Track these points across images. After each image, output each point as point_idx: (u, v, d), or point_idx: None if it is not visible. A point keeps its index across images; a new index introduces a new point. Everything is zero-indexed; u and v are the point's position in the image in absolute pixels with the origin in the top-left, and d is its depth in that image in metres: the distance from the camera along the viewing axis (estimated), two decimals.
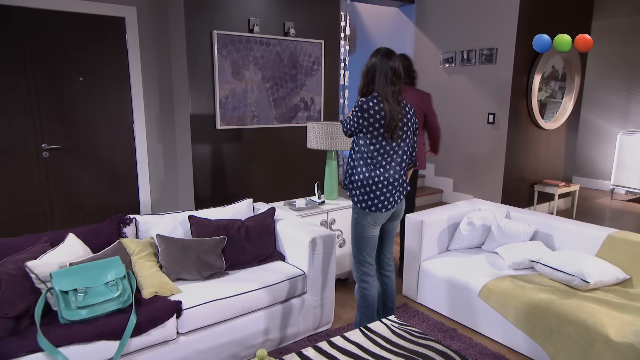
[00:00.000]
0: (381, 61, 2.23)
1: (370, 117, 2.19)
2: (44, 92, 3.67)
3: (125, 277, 2.10)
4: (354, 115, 2.24)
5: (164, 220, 2.66)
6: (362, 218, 2.30)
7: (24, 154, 3.65)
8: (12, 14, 3.48)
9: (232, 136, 4.08)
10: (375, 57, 2.26)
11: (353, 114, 2.25)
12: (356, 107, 2.24)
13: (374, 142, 2.23)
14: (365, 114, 2.19)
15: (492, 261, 2.91)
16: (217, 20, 3.83)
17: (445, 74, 5.30)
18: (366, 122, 2.20)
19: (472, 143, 5.10)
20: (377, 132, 2.21)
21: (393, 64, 2.25)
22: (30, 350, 1.75)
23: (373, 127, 2.20)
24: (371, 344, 1.92)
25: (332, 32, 4.58)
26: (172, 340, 2.12)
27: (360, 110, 2.21)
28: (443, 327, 2.75)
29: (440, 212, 3.16)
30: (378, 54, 2.27)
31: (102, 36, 3.85)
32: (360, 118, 2.21)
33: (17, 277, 1.93)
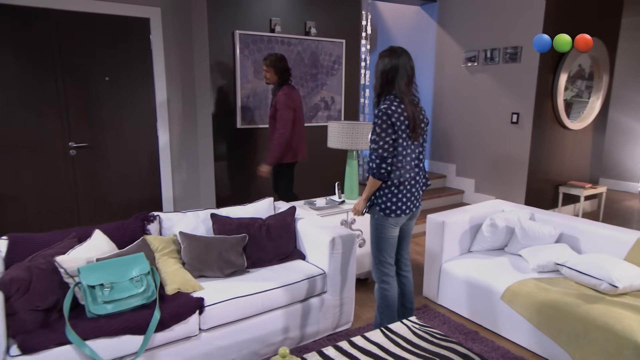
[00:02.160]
0: (403, 61, 2.21)
1: (397, 121, 2.17)
2: (71, 91, 3.77)
3: (149, 273, 2.14)
4: (381, 129, 2.16)
5: (186, 217, 2.70)
6: (382, 219, 2.29)
7: (52, 152, 3.76)
8: (42, 16, 3.58)
9: (252, 135, 4.11)
10: (395, 57, 2.21)
11: (379, 127, 2.16)
12: (381, 115, 2.17)
13: (395, 144, 2.21)
14: (392, 119, 2.16)
15: (515, 263, 2.86)
16: (240, 20, 3.87)
17: (468, 73, 5.22)
18: (394, 126, 2.17)
19: (494, 143, 5.01)
20: (401, 135, 2.19)
21: (413, 64, 2.24)
22: (60, 342, 1.80)
23: (400, 130, 2.18)
24: (392, 344, 1.91)
25: (353, 32, 4.57)
26: (195, 336, 2.15)
27: (387, 117, 2.16)
28: (464, 329, 2.71)
29: (462, 213, 3.12)
30: (396, 53, 2.22)
31: (127, 37, 3.94)
32: (389, 127, 2.16)
33: (47, 272, 1.99)
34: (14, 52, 3.51)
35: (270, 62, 3.44)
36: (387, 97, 2.23)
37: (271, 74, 3.46)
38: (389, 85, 2.23)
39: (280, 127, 3.41)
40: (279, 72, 3.46)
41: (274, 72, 3.45)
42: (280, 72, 3.46)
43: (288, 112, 3.42)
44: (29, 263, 1.98)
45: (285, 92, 3.43)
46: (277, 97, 3.45)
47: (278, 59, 3.44)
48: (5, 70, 3.50)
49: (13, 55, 3.51)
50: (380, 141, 2.18)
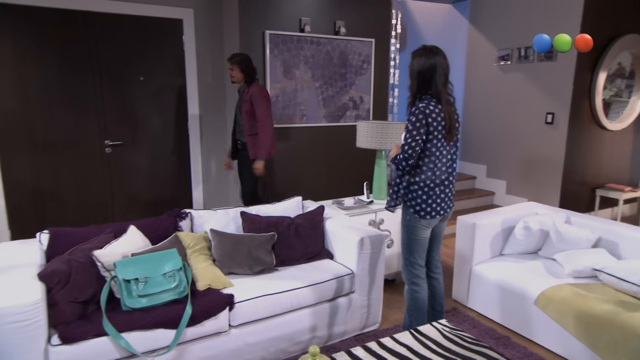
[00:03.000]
0: (439, 60, 2.17)
1: (433, 121, 2.14)
2: (108, 91, 3.90)
3: (181, 269, 2.18)
4: (414, 127, 2.13)
5: (217, 215, 2.74)
6: (414, 220, 2.27)
7: (89, 150, 3.89)
8: (81, 18, 3.71)
9: (281, 135, 4.14)
10: (432, 56, 2.17)
11: (412, 124, 2.13)
12: (418, 114, 2.13)
13: (429, 145, 2.18)
14: (429, 119, 2.13)
15: (549, 268, 2.77)
16: (270, 20, 3.90)
17: (500, 72, 5.10)
18: (430, 127, 2.13)
19: (527, 144, 4.88)
20: (437, 135, 2.16)
21: (448, 63, 2.21)
22: (97, 334, 1.86)
23: (436, 130, 2.16)
24: (421, 347, 1.89)
25: (382, 31, 4.54)
26: (224, 332, 2.18)
27: (423, 116, 2.12)
28: (495, 334, 2.65)
29: (494, 215, 3.05)
30: (432, 52, 2.18)
31: (161, 38, 4.03)
32: (422, 126, 2.12)
33: (85, 265, 2.06)
34: (55, 54, 3.66)
35: (234, 60, 3.47)
36: (423, 97, 2.20)
37: (236, 72, 3.49)
38: (425, 85, 2.19)
39: (264, 119, 3.44)
40: (244, 71, 3.48)
41: (239, 70, 3.48)
42: (246, 70, 3.48)
43: (266, 103, 3.45)
44: (69, 256, 2.06)
45: (259, 87, 3.47)
46: (250, 92, 3.46)
47: (243, 59, 3.48)
48: (47, 71, 3.65)
49: (54, 56, 3.66)
50: (410, 139, 2.14)
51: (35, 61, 3.61)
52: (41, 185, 3.78)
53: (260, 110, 3.43)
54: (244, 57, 3.48)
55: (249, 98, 3.45)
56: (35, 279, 1.89)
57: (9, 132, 3.61)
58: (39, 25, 3.57)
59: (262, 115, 3.43)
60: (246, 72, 3.49)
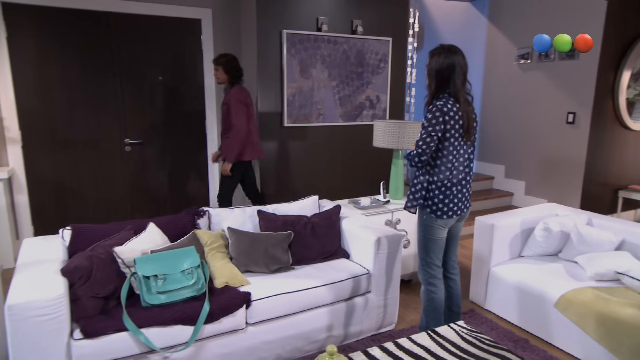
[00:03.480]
0: (458, 59, 2.15)
1: (451, 120, 2.12)
2: (128, 91, 3.96)
3: (199, 267, 2.21)
4: (430, 124, 2.11)
5: (234, 213, 2.76)
6: (431, 220, 2.25)
7: (109, 148, 3.96)
8: (103, 19, 3.78)
9: (298, 134, 4.15)
10: (451, 55, 2.15)
11: (428, 121, 2.12)
12: (435, 111, 2.12)
13: (446, 144, 2.16)
14: (446, 117, 2.11)
15: (570, 270, 2.72)
16: (287, 19, 3.91)
17: (520, 70, 5.02)
18: (447, 125, 2.12)
19: (547, 144, 4.79)
20: (454, 134, 2.15)
21: (466, 62, 2.19)
22: (117, 329, 1.89)
23: (453, 129, 2.14)
24: (439, 348, 1.87)
25: (400, 29, 4.51)
26: (241, 329, 2.20)
27: (441, 114, 2.11)
28: (514, 336, 2.61)
29: (512, 216, 3.01)
30: (450, 51, 2.17)
31: (180, 38, 4.08)
32: (438, 124, 2.11)
33: (106, 261, 2.10)
34: (76, 54, 3.73)
35: (219, 62, 3.46)
36: (441, 96, 2.18)
37: (220, 73, 3.48)
38: (444, 85, 2.17)
39: (237, 124, 3.43)
40: (229, 72, 3.47)
41: (223, 71, 3.47)
42: (230, 71, 3.47)
43: (241, 108, 3.43)
44: (90, 252, 2.10)
45: (237, 90, 3.46)
46: (229, 95, 3.47)
47: (227, 60, 3.47)
48: (69, 71, 3.73)
49: (76, 56, 3.73)
50: (425, 135, 2.12)
51: (58, 61, 3.69)
52: (63, 182, 3.86)
53: (234, 114, 3.43)
54: (228, 58, 3.48)
55: (227, 101, 3.47)
56: (58, 274, 1.93)
57: (33, 131, 3.70)
58: (61, 26, 3.65)
59: (235, 119, 3.43)
60: (230, 73, 3.48)
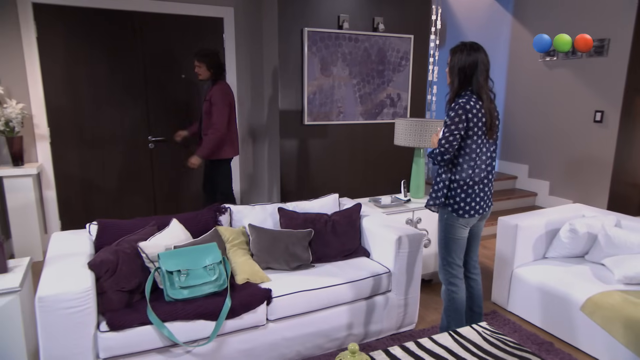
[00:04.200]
0: (481, 56, 2.13)
1: (474, 117, 2.10)
2: (152, 89, 4.03)
3: (221, 263, 2.23)
4: (452, 122, 2.09)
5: (254, 210, 2.78)
6: (453, 219, 2.22)
7: (134, 145, 4.04)
8: (129, 18, 3.85)
9: (318, 132, 4.15)
10: (474, 52, 2.13)
11: (451, 119, 2.10)
12: (458, 109, 2.10)
13: (469, 142, 2.13)
14: (469, 114, 2.09)
15: (597, 273, 2.65)
16: (308, 17, 3.91)
17: (546, 68, 4.90)
18: (469, 123, 2.10)
19: (573, 143, 4.67)
20: (477, 132, 2.12)
21: (489, 59, 2.16)
22: (142, 322, 1.93)
23: (476, 127, 2.11)
24: (461, 349, 1.85)
25: (422, 27, 4.46)
26: (262, 325, 2.21)
27: (463, 112, 2.09)
28: (537, 339, 2.56)
29: (537, 217, 2.95)
30: (473, 48, 2.14)
31: (202, 36, 4.13)
32: (461, 122, 2.08)
33: (131, 256, 2.14)
34: (103, 53, 3.81)
35: (201, 57, 3.41)
36: (463, 93, 2.16)
37: (203, 69, 3.44)
38: (466, 82, 2.15)
39: (216, 122, 3.41)
40: (212, 68, 3.44)
41: (206, 68, 3.43)
42: (213, 67, 3.44)
43: (224, 108, 3.41)
44: (116, 247, 2.15)
45: (221, 88, 3.42)
46: (212, 91, 3.43)
47: (212, 55, 3.43)
48: (96, 70, 3.82)
49: (102, 55, 3.82)
50: (448, 133, 2.10)
51: (85, 60, 3.78)
52: (89, 178, 3.96)
53: (216, 111, 3.41)
54: (212, 54, 3.44)
55: (209, 98, 3.44)
56: (85, 267, 1.98)
57: (60, 128, 3.80)
58: (89, 26, 3.74)
59: (216, 116, 3.41)
60: (213, 70, 3.45)
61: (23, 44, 3.54)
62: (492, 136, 2.19)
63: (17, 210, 3.47)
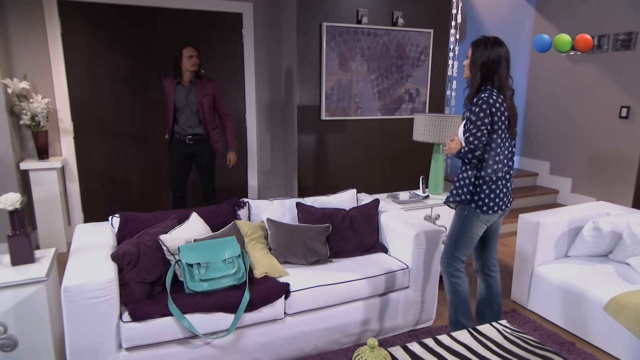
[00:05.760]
0: (504, 51, 2.10)
1: (497, 111, 2.07)
2: None
3: (240, 256, 2.25)
4: (478, 117, 2.05)
5: (273, 205, 2.79)
6: (473, 217, 2.19)
7: (153, 140, 4.10)
8: (150, 14, 3.90)
9: (336, 127, 4.15)
10: (497, 47, 2.09)
11: (475, 115, 2.06)
12: (481, 104, 2.05)
13: (494, 137, 2.10)
14: (493, 109, 2.06)
15: (621, 272, 2.59)
16: (327, 12, 3.90)
17: (569, 62, 4.79)
18: (494, 117, 2.06)
19: (597, 139, 4.56)
20: (500, 126, 2.09)
21: (510, 54, 2.12)
22: (163, 314, 1.97)
23: (500, 121, 2.08)
24: (481, 347, 1.83)
25: (442, 21, 4.40)
26: (280, 319, 2.23)
27: (487, 106, 2.05)
28: (559, 338, 2.52)
29: (559, 214, 2.89)
30: (496, 42, 2.10)
31: (221, 32, 4.15)
32: (486, 116, 2.05)
33: (152, 248, 2.18)
34: (124, 48, 3.87)
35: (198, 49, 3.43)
36: (485, 89, 2.12)
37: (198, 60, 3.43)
38: (489, 76, 2.12)
39: (228, 114, 3.58)
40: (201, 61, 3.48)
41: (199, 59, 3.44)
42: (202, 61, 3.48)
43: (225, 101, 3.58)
44: (138, 239, 2.18)
45: (215, 81, 3.52)
46: (212, 86, 3.48)
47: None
48: (118, 66, 3.88)
49: (125, 51, 3.88)
50: (475, 130, 2.07)
51: (107, 56, 3.84)
52: (110, 172, 4.03)
53: (224, 103, 3.55)
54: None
55: (212, 92, 3.48)
56: (108, 259, 2.02)
57: (83, 122, 3.88)
58: (111, 22, 3.80)
59: (226, 110, 3.57)
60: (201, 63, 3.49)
61: (48, 40, 3.62)
62: (512, 132, 2.17)
63: (42, 203, 3.56)
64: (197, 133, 3.52)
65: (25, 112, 3.41)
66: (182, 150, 3.54)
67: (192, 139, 3.51)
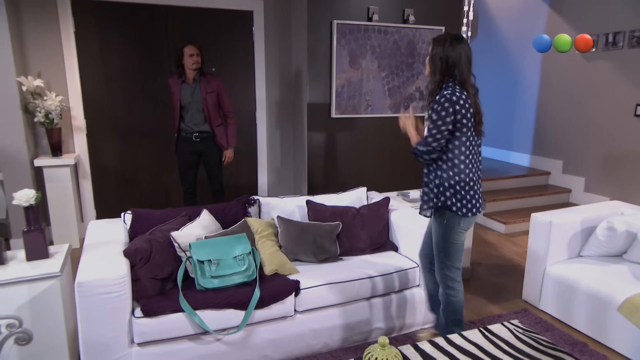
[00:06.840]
0: (466, 48, 2.02)
1: (461, 109, 1.97)
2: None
3: (250, 254, 2.26)
4: (439, 116, 1.96)
5: (283, 202, 2.80)
6: (454, 224, 2.09)
7: (164, 138, 4.13)
8: (162, 12, 3.92)
9: (346, 125, 4.14)
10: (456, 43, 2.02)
11: (437, 113, 1.97)
12: (444, 102, 1.96)
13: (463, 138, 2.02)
14: (456, 106, 1.96)
15: (636, 273, 2.55)
16: (338, 9, 3.89)
17: (583, 60, 4.72)
18: (457, 115, 1.97)
19: (612, 138, 4.49)
20: (466, 124, 2.00)
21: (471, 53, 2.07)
22: (174, 310, 1.98)
23: (465, 119, 1.98)
24: (492, 346, 1.82)
25: (453, 18, 4.36)
26: (290, 316, 2.24)
27: (450, 104, 1.95)
28: (571, 339, 2.49)
29: (572, 214, 2.85)
30: (456, 39, 2.02)
31: (232, 29, 4.17)
32: (448, 115, 1.95)
33: (164, 245, 2.20)
34: (136, 47, 3.90)
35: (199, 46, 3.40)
36: (446, 85, 2.03)
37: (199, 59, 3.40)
38: (449, 72, 2.02)
39: (232, 109, 3.60)
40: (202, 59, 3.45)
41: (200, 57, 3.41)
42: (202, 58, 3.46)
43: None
44: (149, 236, 2.21)
45: (218, 78, 3.52)
46: (216, 84, 3.47)
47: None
48: (130, 64, 3.91)
49: (137, 49, 3.91)
50: (435, 130, 1.98)
51: (119, 54, 3.88)
52: (122, 169, 4.07)
53: (228, 100, 3.56)
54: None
55: (216, 89, 3.48)
56: (120, 255, 2.04)
57: (96, 120, 3.92)
58: (123, 20, 3.83)
59: (230, 107, 3.58)
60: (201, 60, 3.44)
61: (62, 39, 3.66)
62: (478, 130, 2.07)
63: (55, 199, 3.61)
64: (204, 130, 3.53)
65: (39, 110, 3.46)
66: (190, 147, 3.55)
67: (199, 136, 3.52)
